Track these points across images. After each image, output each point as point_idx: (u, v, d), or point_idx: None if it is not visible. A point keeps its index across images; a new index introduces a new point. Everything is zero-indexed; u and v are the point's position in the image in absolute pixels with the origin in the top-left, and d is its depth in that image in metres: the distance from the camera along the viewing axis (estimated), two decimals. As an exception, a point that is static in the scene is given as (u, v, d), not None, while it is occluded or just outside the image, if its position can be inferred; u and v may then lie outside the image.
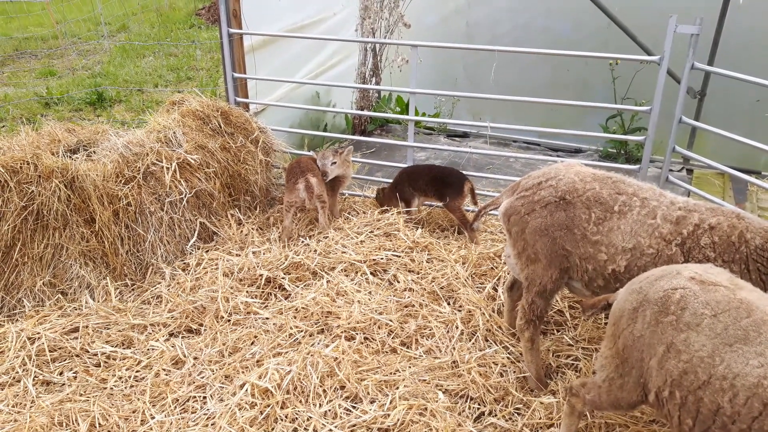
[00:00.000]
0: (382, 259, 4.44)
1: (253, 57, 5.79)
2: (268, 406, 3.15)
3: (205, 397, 3.36)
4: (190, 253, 4.67)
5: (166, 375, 3.57)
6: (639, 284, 2.52)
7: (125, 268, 4.40)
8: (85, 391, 3.48)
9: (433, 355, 3.65)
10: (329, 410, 3.16)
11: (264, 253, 4.60)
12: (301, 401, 3.20)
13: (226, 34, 5.43)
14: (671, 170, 6.28)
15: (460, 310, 4.01)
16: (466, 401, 3.33)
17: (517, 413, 3.28)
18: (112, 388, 3.50)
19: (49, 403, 3.34)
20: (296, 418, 3.12)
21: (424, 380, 3.41)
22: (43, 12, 13.20)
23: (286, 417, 3.11)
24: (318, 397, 3.22)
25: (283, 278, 4.29)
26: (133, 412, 3.28)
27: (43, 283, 4.12)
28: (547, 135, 7.58)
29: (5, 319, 4.03)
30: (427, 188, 5.06)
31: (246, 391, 3.25)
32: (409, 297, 4.10)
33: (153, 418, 3.23)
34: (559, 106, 5.66)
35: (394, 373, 3.43)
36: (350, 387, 3.28)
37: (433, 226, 5.29)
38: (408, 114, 5.50)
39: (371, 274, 4.33)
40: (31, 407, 3.34)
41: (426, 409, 3.14)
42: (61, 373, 3.63)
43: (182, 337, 3.90)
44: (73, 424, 3.19)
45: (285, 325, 3.85)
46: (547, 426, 3.17)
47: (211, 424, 3.14)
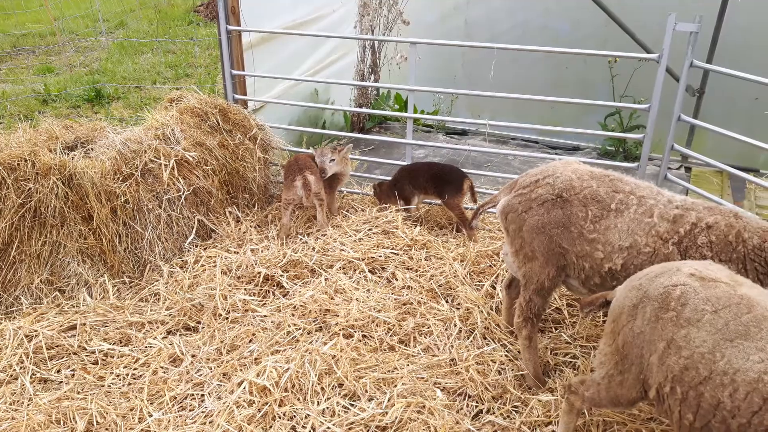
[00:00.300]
0: (380, 256, 4.43)
1: (251, 54, 5.77)
2: (266, 404, 3.15)
3: (203, 395, 3.36)
4: (188, 251, 4.67)
5: (164, 373, 3.56)
6: (639, 281, 2.52)
7: (123, 266, 4.39)
8: (82, 389, 3.48)
9: (431, 353, 3.64)
10: (327, 408, 3.16)
11: (262, 251, 4.59)
12: (299, 399, 3.20)
13: (224, 31, 5.42)
14: (670, 168, 6.27)
15: (458, 308, 4.01)
16: (464, 399, 3.32)
17: (515, 411, 3.28)
18: (110, 386, 3.49)
19: (47, 401, 3.33)
20: (294, 416, 3.12)
21: (422, 378, 3.41)
22: (41, 9, 13.15)
23: (284, 415, 3.11)
24: (316, 395, 3.22)
25: (281, 276, 4.29)
26: (131, 410, 3.28)
27: (41, 281, 4.11)
28: (546, 133, 7.55)
29: (2, 316, 4.03)
30: (426, 186, 5.06)
31: (244, 388, 3.25)
32: (408, 295, 4.09)
33: (151, 415, 3.22)
34: (558, 104, 5.68)
35: (392, 371, 3.43)
36: (348, 385, 3.28)
37: (431, 223, 5.29)
38: (407, 111, 5.50)
39: (369, 271, 4.32)
40: (28, 405, 3.33)
41: (424, 406, 3.14)
42: (59, 371, 3.62)
43: (180, 335, 3.89)
44: (71, 422, 3.18)
45: (283, 323, 3.85)
46: (545, 424, 3.17)
47: (209, 422, 3.14)
